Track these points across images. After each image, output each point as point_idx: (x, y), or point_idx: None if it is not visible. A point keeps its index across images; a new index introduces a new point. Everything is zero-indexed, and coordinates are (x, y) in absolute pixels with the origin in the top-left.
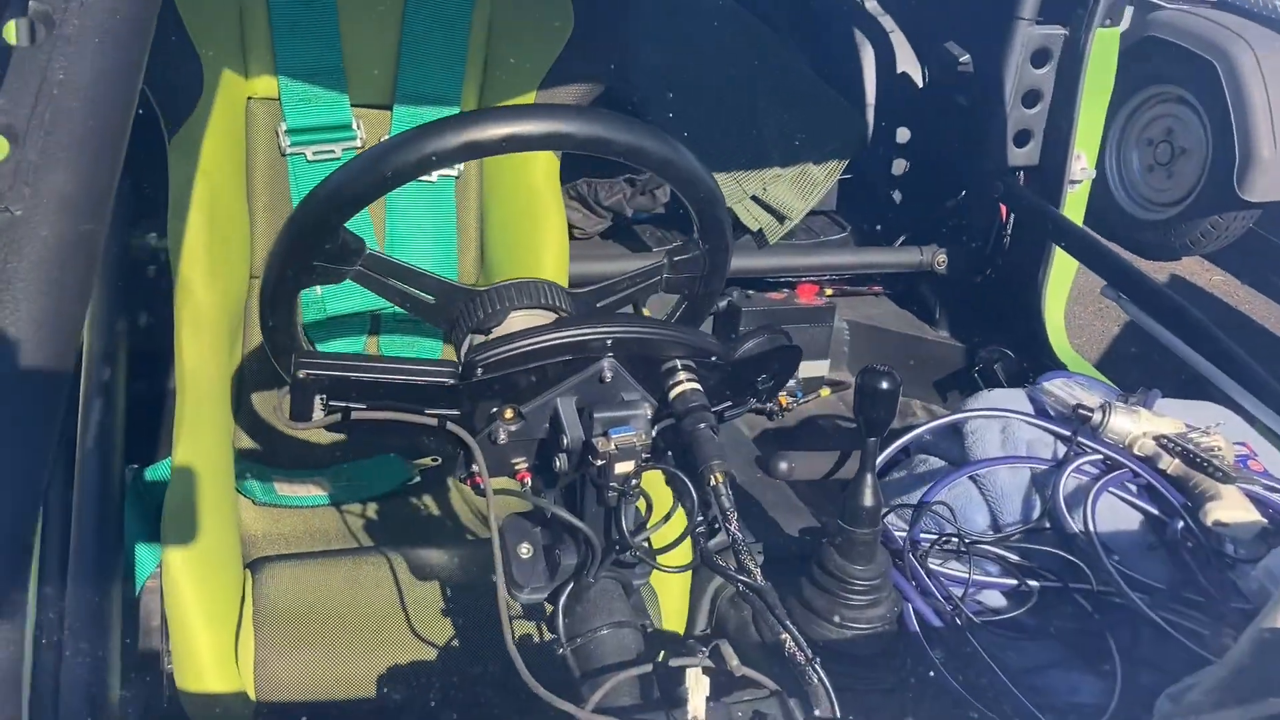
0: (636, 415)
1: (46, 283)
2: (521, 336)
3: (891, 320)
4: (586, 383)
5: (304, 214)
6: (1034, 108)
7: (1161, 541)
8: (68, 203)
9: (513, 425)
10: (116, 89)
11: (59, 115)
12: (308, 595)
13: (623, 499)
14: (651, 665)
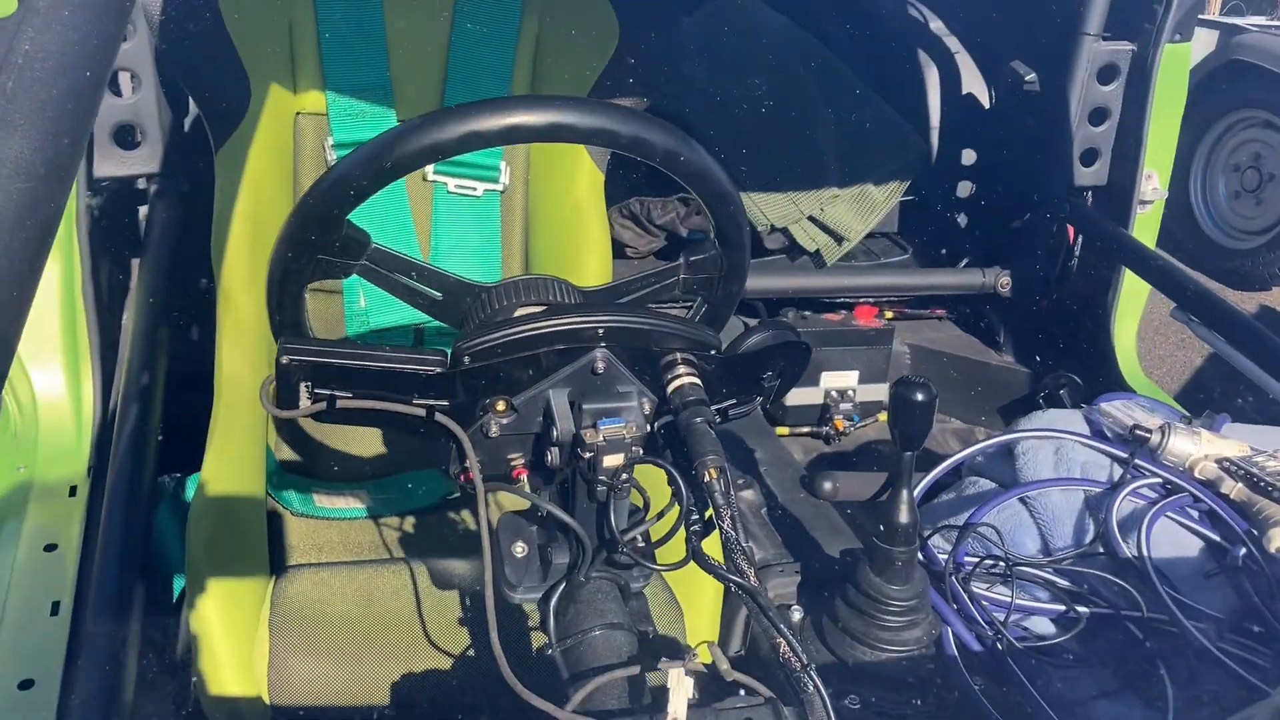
0: (628, 407)
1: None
2: (510, 325)
3: (954, 344)
4: (579, 374)
5: (307, 206)
6: (1101, 126)
7: (1221, 568)
8: (22, 168)
9: (505, 418)
10: (85, 61)
11: (22, 84)
12: (325, 602)
13: (612, 494)
14: (639, 668)
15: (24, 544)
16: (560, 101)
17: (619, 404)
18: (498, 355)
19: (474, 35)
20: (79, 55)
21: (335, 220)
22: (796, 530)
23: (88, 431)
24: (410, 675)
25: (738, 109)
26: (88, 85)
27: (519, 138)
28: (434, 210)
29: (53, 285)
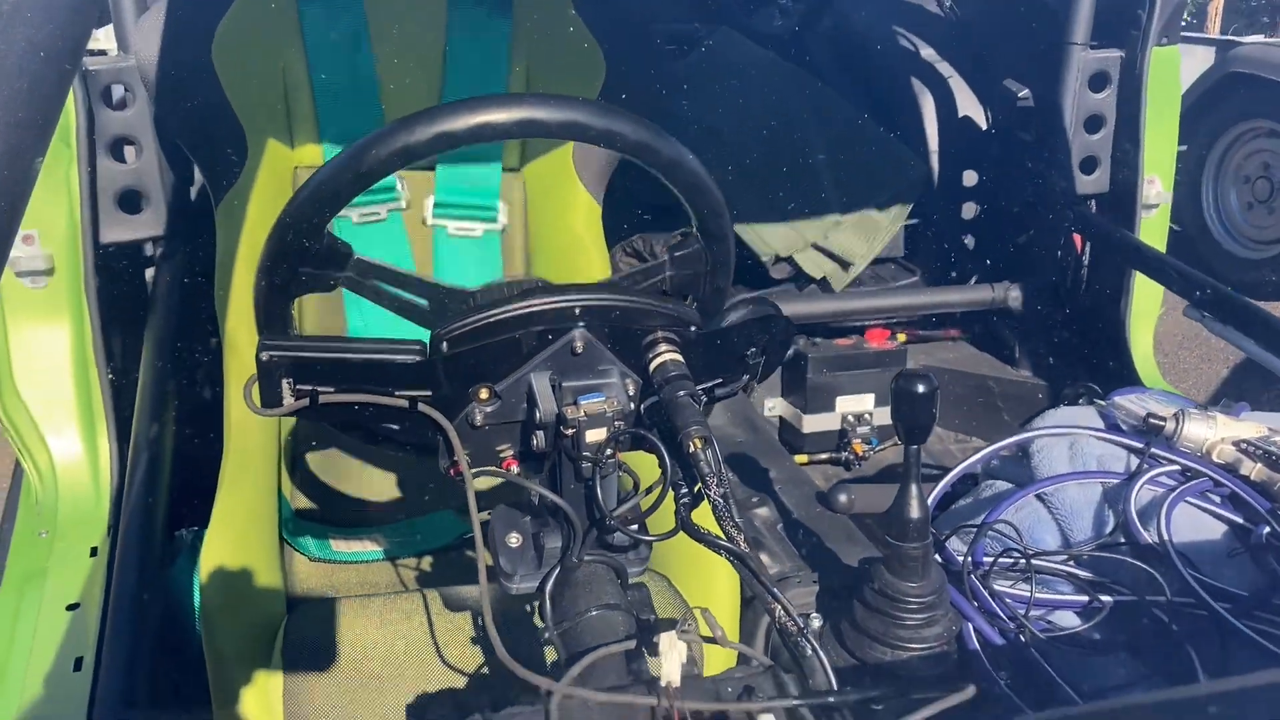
0: (608, 383)
1: None
2: (487, 309)
3: (970, 363)
4: (559, 355)
5: (284, 219)
6: (1098, 133)
7: (1245, 548)
8: None
9: (489, 405)
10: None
11: None
12: (338, 632)
13: (597, 470)
14: (636, 643)
15: (46, 604)
16: (528, 97)
17: (599, 380)
18: (476, 340)
19: (464, 79)
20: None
21: (315, 230)
22: (814, 543)
23: (106, 493)
24: (425, 696)
25: (736, 144)
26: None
27: (489, 135)
28: (435, 254)
29: (65, 350)
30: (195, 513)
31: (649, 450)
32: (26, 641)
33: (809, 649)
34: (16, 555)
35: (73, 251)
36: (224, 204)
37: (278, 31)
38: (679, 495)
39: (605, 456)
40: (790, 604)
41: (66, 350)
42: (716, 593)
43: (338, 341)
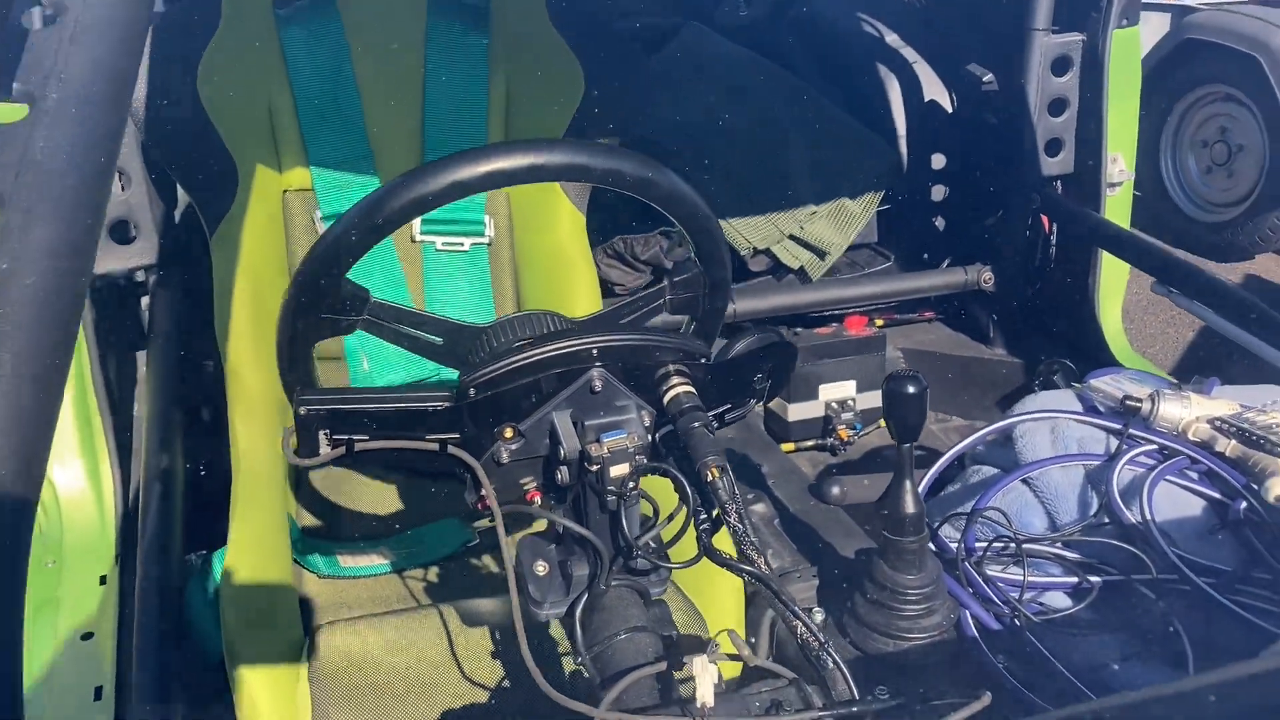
0: (628, 419)
1: (33, 323)
2: (508, 354)
3: (946, 344)
4: (579, 394)
5: (307, 269)
6: (1061, 115)
7: (1225, 524)
8: (50, 252)
9: (513, 444)
10: (94, 152)
11: (41, 179)
12: (361, 650)
13: (622, 502)
14: (666, 664)
15: (60, 634)
16: (535, 144)
17: (619, 417)
18: (500, 385)
19: (445, 98)
20: (87, 147)
21: (335, 279)
22: (810, 537)
23: (111, 522)
24: (450, 712)
25: (710, 139)
26: (98, 173)
27: (499, 182)
28: (425, 269)
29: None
30: (200, 536)
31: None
32: (43, 671)
33: (830, 661)
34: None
35: None
36: (219, 234)
37: (260, 58)
38: (699, 522)
39: (629, 489)
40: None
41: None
42: (720, 590)
43: (371, 393)
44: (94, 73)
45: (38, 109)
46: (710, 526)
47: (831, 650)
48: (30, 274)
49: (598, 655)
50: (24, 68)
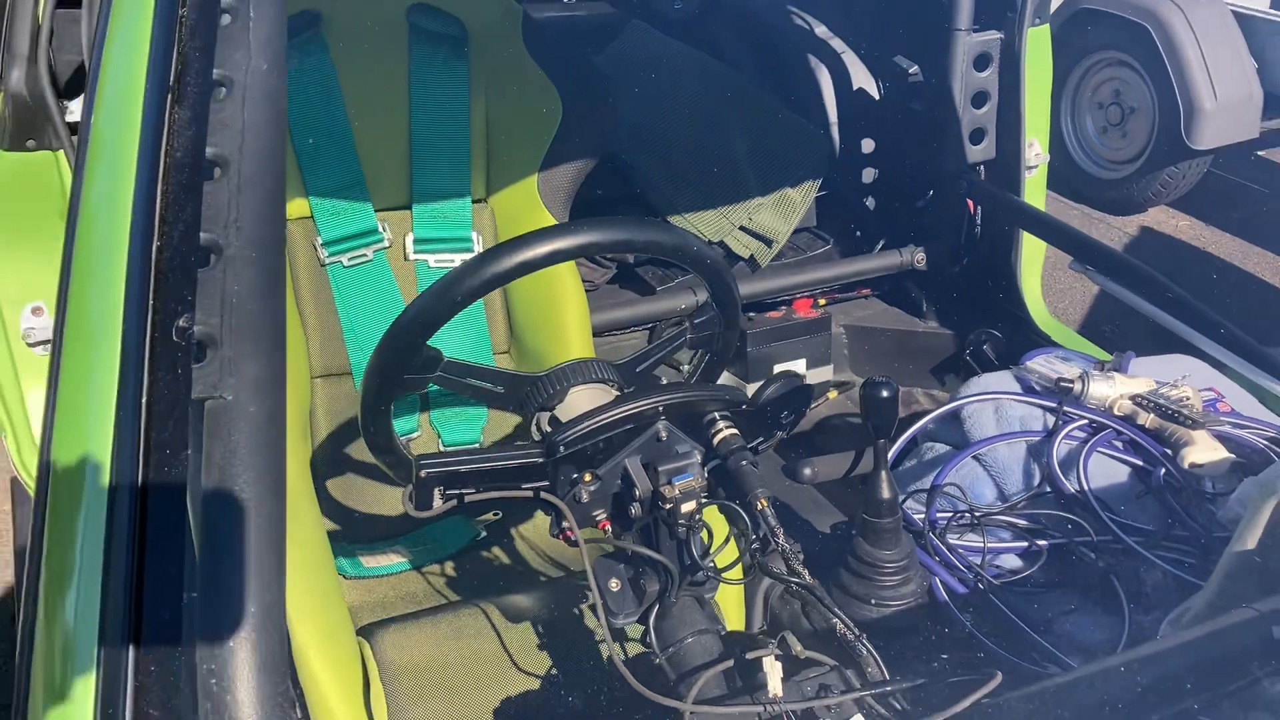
0: (692, 463)
1: (261, 446)
2: (590, 417)
3: (882, 319)
4: (647, 443)
5: (392, 340)
6: (983, 108)
7: (1148, 489)
8: (260, 384)
9: (591, 486)
10: (271, 291)
11: (238, 318)
12: (422, 651)
13: (690, 531)
14: (733, 661)
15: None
16: (589, 224)
17: (684, 462)
18: (585, 441)
19: (430, 125)
20: (267, 286)
21: (417, 347)
22: (788, 514)
23: None
24: (510, 700)
25: (660, 138)
26: (279, 308)
27: (559, 259)
28: (420, 288)
29: None
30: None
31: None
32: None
33: (863, 650)
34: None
35: None
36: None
37: None
38: (750, 543)
39: (695, 521)
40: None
41: None
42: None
43: (476, 454)
44: (257, 218)
45: (224, 256)
46: (760, 547)
47: (865, 640)
48: (252, 404)
49: (672, 656)
50: (205, 219)
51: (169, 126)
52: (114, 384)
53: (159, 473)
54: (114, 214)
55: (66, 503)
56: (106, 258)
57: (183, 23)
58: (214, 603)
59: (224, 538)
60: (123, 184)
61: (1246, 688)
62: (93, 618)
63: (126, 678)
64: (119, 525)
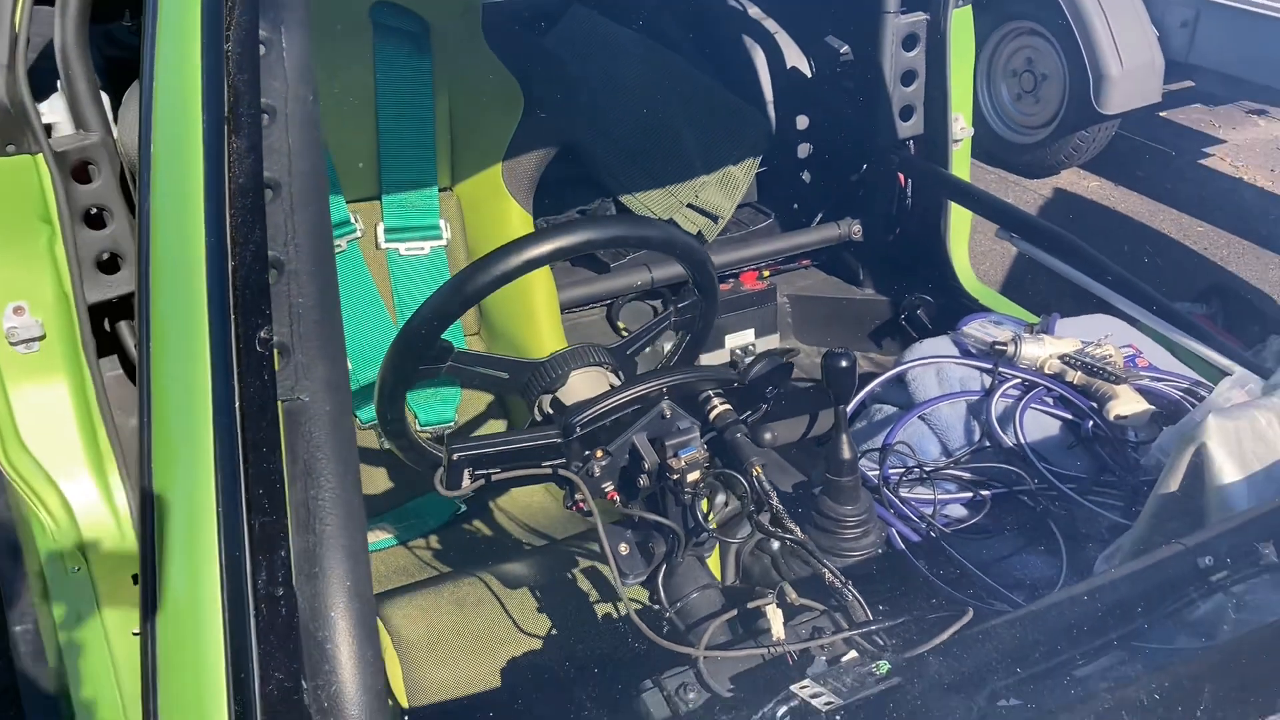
0: (693, 438)
1: (339, 443)
2: (601, 400)
3: (822, 287)
4: (653, 421)
5: (410, 334)
6: (912, 86)
7: (1078, 440)
8: (330, 384)
9: (603, 461)
10: (329, 299)
11: (305, 326)
12: (429, 621)
13: (695, 498)
14: (736, 610)
15: (113, 634)
16: (588, 224)
17: (687, 436)
18: (598, 422)
19: (396, 117)
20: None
21: (433, 340)
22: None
23: (128, 525)
24: (517, 660)
25: (607, 121)
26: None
27: (559, 256)
28: (392, 275)
29: (67, 404)
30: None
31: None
32: (106, 667)
33: (850, 596)
34: (60, 592)
35: (61, 315)
36: None
37: None
38: (748, 505)
39: (699, 489)
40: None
41: (68, 404)
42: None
43: (502, 437)
44: (310, 234)
45: (286, 271)
46: (755, 509)
47: (851, 587)
48: (327, 403)
49: (680, 609)
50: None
51: (229, 155)
52: (207, 392)
53: (258, 468)
54: (185, 237)
55: (174, 497)
56: (185, 278)
57: (229, 56)
58: (315, 581)
59: (317, 525)
60: (191, 209)
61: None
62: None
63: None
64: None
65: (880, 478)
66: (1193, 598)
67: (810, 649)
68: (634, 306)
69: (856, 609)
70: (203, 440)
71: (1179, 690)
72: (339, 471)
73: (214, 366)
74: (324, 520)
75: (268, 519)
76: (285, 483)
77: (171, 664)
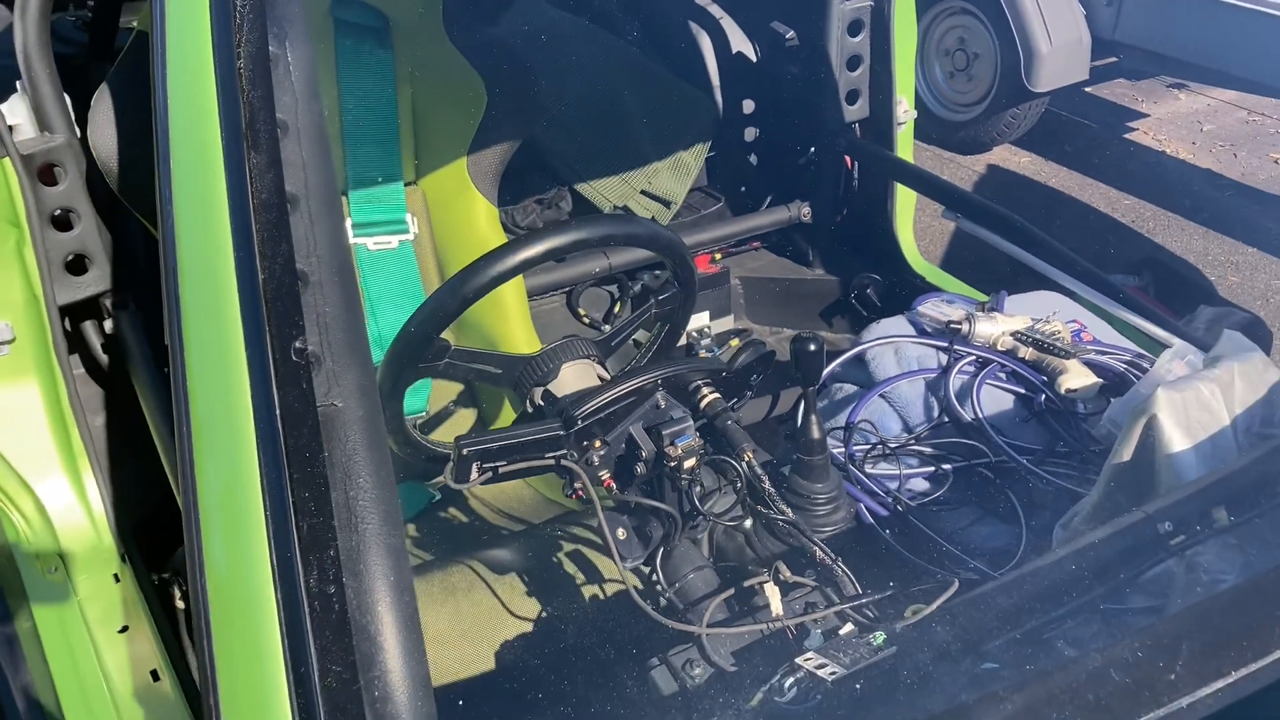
0: (687, 425)
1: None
2: (600, 393)
3: (773, 269)
4: (648, 411)
5: (406, 335)
6: (857, 70)
7: (1032, 413)
8: (362, 390)
9: (601, 451)
10: (353, 307)
11: (333, 335)
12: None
13: (691, 483)
14: (734, 590)
15: (96, 633)
16: (577, 224)
17: (681, 425)
18: (598, 414)
19: (360, 113)
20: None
21: (432, 338)
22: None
23: (105, 526)
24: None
25: (559, 110)
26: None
27: (551, 256)
28: (361, 269)
29: (38, 406)
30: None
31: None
32: (93, 667)
33: (839, 571)
34: (37, 595)
35: (31, 318)
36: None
37: None
38: (739, 488)
39: (695, 474)
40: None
41: (40, 406)
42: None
43: (509, 431)
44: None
45: (311, 282)
46: (748, 491)
47: (841, 564)
48: (360, 408)
49: (679, 589)
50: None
51: (250, 170)
52: (247, 403)
53: (302, 473)
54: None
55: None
56: (216, 293)
57: (241, 73)
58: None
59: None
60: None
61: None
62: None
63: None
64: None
65: (846, 455)
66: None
67: (806, 623)
68: (593, 293)
69: (845, 583)
70: (246, 449)
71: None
72: (376, 472)
73: (252, 378)
74: (365, 520)
75: (315, 521)
76: (328, 486)
77: (232, 664)
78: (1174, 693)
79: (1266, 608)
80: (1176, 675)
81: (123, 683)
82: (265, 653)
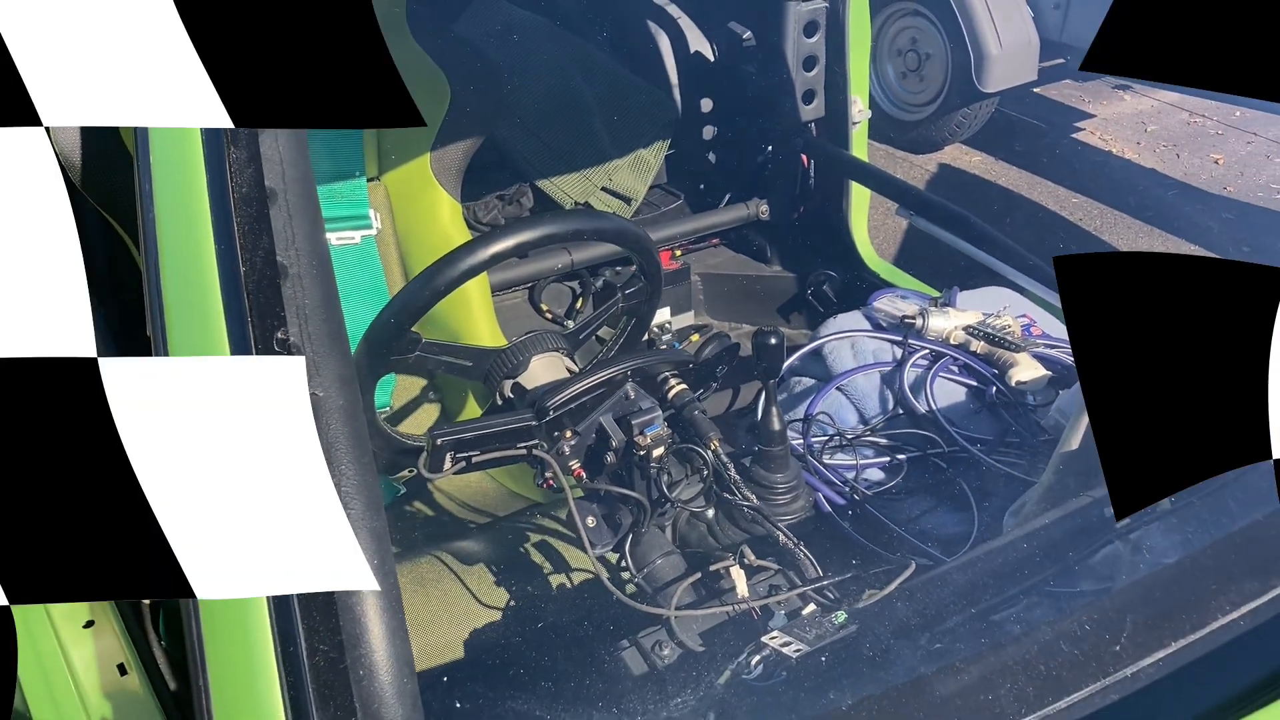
0: (656, 415)
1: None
2: (571, 384)
3: (732, 265)
4: (618, 402)
5: (380, 325)
6: (813, 71)
7: (984, 405)
8: (342, 380)
9: (572, 441)
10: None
11: (314, 326)
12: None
13: (660, 471)
14: (700, 574)
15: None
16: (547, 218)
17: (650, 415)
18: (570, 404)
19: None
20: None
21: (403, 332)
22: None
23: None
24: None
25: (520, 107)
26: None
27: (522, 250)
28: None
29: None
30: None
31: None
32: (59, 663)
33: (802, 555)
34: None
35: None
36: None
37: None
38: (705, 476)
39: (665, 462)
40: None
41: None
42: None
43: (481, 422)
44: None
45: (290, 274)
46: (714, 478)
47: (803, 548)
48: (340, 398)
49: (648, 574)
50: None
51: (229, 165)
52: None
53: None
54: (196, 245)
55: None
56: (198, 286)
57: None
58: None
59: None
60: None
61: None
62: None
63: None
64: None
65: (805, 446)
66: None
67: (770, 605)
68: (555, 288)
69: (808, 566)
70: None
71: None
72: (358, 459)
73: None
74: (349, 506)
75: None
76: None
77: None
78: (1119, 663)
79: (1203, 583)
80: (1121, 646)
81: (90, 678)
82: (254, 632)
